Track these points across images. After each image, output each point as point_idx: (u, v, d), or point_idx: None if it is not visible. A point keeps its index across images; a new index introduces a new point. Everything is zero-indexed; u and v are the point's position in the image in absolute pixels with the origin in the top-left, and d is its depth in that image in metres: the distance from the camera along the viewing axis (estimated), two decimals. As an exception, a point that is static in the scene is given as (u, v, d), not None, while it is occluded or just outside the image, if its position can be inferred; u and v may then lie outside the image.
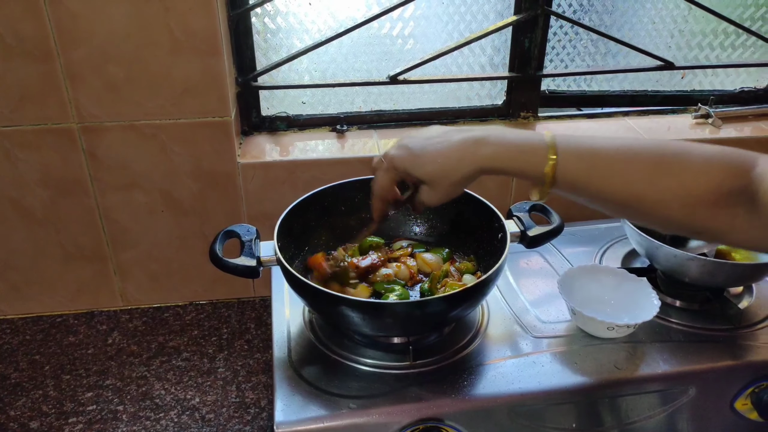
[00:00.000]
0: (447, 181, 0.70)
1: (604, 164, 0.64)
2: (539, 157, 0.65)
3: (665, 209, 0.63)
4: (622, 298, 0.95)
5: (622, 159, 0.64)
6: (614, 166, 0.64)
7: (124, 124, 1.07)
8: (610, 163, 0.64)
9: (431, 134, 0.72)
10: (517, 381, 0.84)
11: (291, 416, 0.78)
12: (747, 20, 1.32)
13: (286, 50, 1.20)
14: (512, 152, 0.67)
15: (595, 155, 0.65)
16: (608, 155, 0.65)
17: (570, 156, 0.65)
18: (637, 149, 0.65)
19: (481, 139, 0.68)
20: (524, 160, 0.66)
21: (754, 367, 0.89)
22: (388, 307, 0.81)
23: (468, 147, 0.68)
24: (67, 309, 1.24)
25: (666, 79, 1.40)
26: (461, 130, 0.70)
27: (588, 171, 0.65)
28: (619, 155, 0.64)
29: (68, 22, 0.97)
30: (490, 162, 0.67)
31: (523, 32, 1.25)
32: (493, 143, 0.67)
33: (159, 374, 1.10)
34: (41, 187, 1.11)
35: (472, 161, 0.68)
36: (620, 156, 0.64)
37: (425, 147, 0.71)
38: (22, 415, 1.02)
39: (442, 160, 0.69)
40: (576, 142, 0.66)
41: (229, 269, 0.86)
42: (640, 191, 0.63)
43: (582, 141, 0.66)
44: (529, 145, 0.66)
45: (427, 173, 0.71)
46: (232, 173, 1.15)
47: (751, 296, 1.01)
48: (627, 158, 0.64)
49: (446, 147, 0.69)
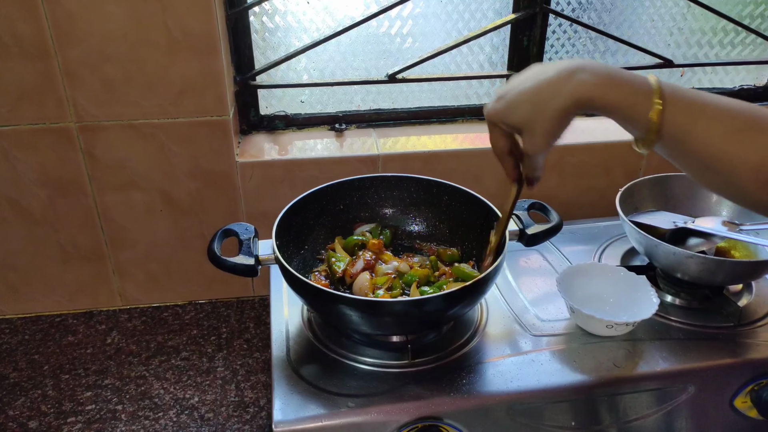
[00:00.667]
0: (542, 120, 0.63)
1: (707, 116, 0.58)
2: (644, 100, 0.59)
3: (739, 181, 0.58)
4: (621, 296, 0.95)
5: (726, 114, 0.58)
6: (718, 119, 0.58)
7: (122, 123, 1.07)
8: (714, 116, 0.58)
9: (526, 75, 0.65)
10: (516, 379, 0.84)
11: (290, 415, 0.78)
12: (746, 18, 1.32)
13: (284, 49, 1.20)
14: (616, 84, 0.60)
15: (696, 105, 0.59)
16: (710, 107, 0.58)
17: (675, 102, 0.59)
18: (739, 107, 0.59)
19: (578, 67, 0.61)
20: (629, 96, 0.59)
21: (754, 365, 0.89)
22: (386, 306, 0.81)
23: (562, 78, 0.61)
24: (65, 309, 1.24)
25: (665, 77, 1.39)
26: (557, 64, 0.63)
27: (692, 122, 0.58)
28: (723, 109, 0.58)
29: (65, 22, 0.97)
30: (590, 91, 0.60)
31: (522, 30, 1.24)
32: (594, 71, 0.60)
33: (158, 374, 1.10)
34: (39, 187, 1.11)
35: (568, 91, 0.61)
36: (724, 110, 0.58)
37: (518, 89, 0.65)
38: (21, 414, 1.02)
39: (534, 97, 0.63)
40: (680, 89, 0.59)
41: (228, 268, 0.86)
42: (726, 153, 0.58)
43: (685, 90, 0.60)
44: (634, 82, 0.60)
45: (522, 116, 0.64)
46: (231, 172, 1.15)
47: (750, 294, 1.01)
48: (731, 113, 0.58)
49: (538, 84, 0.63)
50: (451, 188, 1.01)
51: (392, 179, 1.05)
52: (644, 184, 1.10)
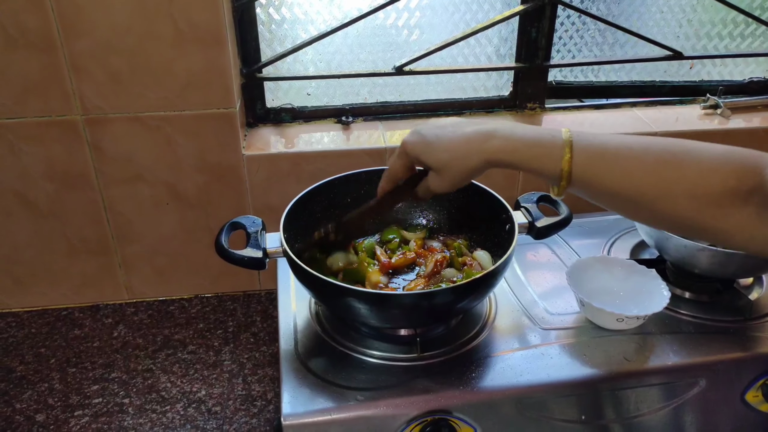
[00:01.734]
0: (455, 170, 0.72)
1: (615, 160, 0.64)
2: (554, 154, 0.66)
3: (674, 206, 0.63)
4: (631, 290, 0.94)
5: (632, 154, 0.64)
6: (624, 162, 0.64)
7: (128, 116, 1.06)
8: (622, 159, 0.64)
9: (445, 123, 0.73)
10: (526, 373, 0.83)
11: (298, 408, 0.78)
12: (757, 9, 1.31)
13: (290, 41, 1.19)
14: (522, 147, 0.68)
15: (606, 151, 0.65)
16: (619, 151, 0.65)
17: (583, 153, 0.65)
18: (647, 145, 0.65)
19: (490, 132, 0.69)
20: (535, 156, 0.67)
21: (765, 359, 0.88)
22: (394, 298, 0.81)
23: (477, 139, 0.69)
24: (72, 302, 1.24)
25: (674, 69, 1.38)
26: (474, 123, 0.71)
27: (600, 167, 0.65)
28: (629, 150, 0.65)
29: (71, 14, 0.97)
30: (498, 155, 0.69)
31: (530, 22, 1.23)
32: (502, 137, 0.68)
33: (165, 367, 1.10)
34: (46, 180, 1.10)
35: (480, 153, 0.69)
36: (630, 151, 0.64)
37: (438, 135, 0.72)
38: (27, 407, 1.02)
39: (452, 149, 0.71)
40: (588, 139, 0.66)
41: (235, 261, 0.85)
42: (648, 187, 0.63)
43: (594, 138, 0.66)
44: (542, 142, 0.67)
45: (437, 161, 0.72)
46: (238, 165, 1.14)
47: (761, 287, 1.00)
48: (636, 153, 0.64)
49: (457, 137, 0.71)
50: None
51: (400, 172, 1.04)
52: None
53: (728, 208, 0.61)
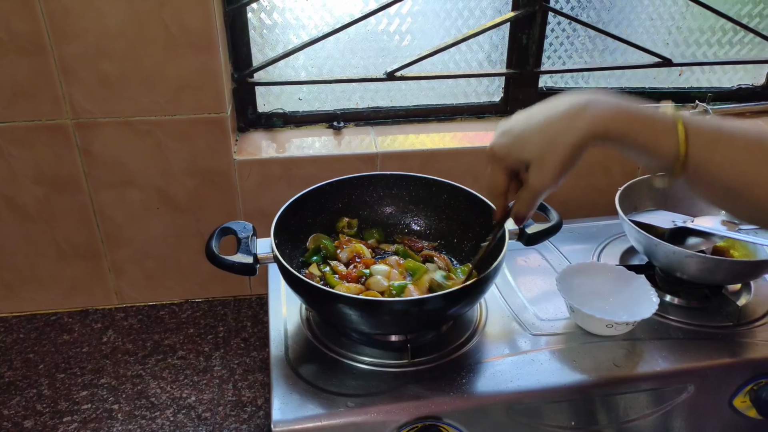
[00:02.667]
0: (554, 154, 0.61)
1: (731, 145, 0.56)
2: (667, 130, 0.56)
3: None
4: (620, 296, 0.94)
5: (751, 141, 0.56)
6: (741, 146, 0.56)
7: (118, 120, 1.06)
8: (739, 145, 0.56)
9: (531, 111, 0.64)
10: (516, 379, 0.84)
11: (288, 415, 0.78)
12: (745, 17, 1.32)
13: (282, 46, 1.19)
14: (633, 116, 0.58)
15: (721, 135, 0.57)
16: (734, 136, 0.56)
17: (698, 133, 0.56)
18: (762, 132, 0.57)
19: (591, 100, 0.59)
20: (647, 128, 0.57)
21: (753, 365, 0.89)
22: (385, 305, 0.81)
23: (576, 110, 0.59)
24: (61, 307, 1.23)
25: (664, 76, 1.39)
26: (565, 98, 0.62)
27: (717, 153, 0.56)
28: (746, 137, 0.56)
29: (62, 18, 0.96)
30: (606, 125, 0.58)
31: (521, 29, 1.24)
32: (608, 104, 0.59)
33: (154, 373, 1.09)
34: (35, 184, 1.10)
35: (583, 125, 0.59)
36: (747, 138, 0.56)
37: (526, 123, 0.63)
38: (16, 414, 1.01)
39: (547, 130, 0.61)
40: (698, 119, 0.57)
41: (226, 266, 0.85)
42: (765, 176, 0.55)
43: (704, 119, 0.58)
44: (652, 114, 0.58)
45: (532, 150, 0.63)
46: (228, 170, 1.14)
47: (749, 293, 1.01)
48: (755, 140, 0.56)
49: (550, 116, 0.61)
50: (449, 187, 1.01)
51: (391, 178, 1.04)
52: (643, 183, 1.09)
53: None
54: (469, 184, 0.99)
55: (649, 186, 1.10)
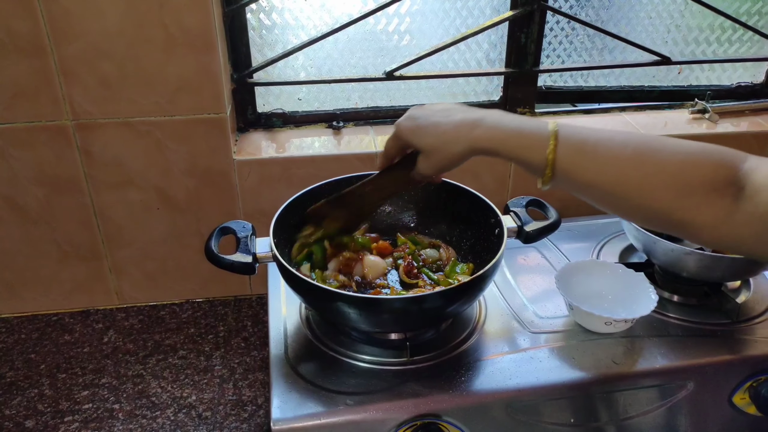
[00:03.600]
0: (441, 155, 0.74)
1: (595, 151, 0.66)
2: (539, 145, 0.67)
3: (649, 197, 0.64)
4: (619, 293, 0.95)
5: (612, 146, 0.65)
6: (604, 153, 0.65)
7: (118, 121, 1.06)
8: (601, 150, 0.65)
9: (437, 108, 0.76)
10: (515, 376, 0.84)
11: (288, 413, 0.78)
12: (743, 15, 1.32)
13: (281, 46, 1.19)
14: (508, 137, 0.69)
15: (586, 143, 0.66)
16: (599, 143, 0.66)
17: (566, 144, 0.66)
18: (627, 138, 0.66)
19: (478, 120, 0.71)
20: (520, 145, 0.68)
21: (752, 362, 0.89)
22: (384, 303, 0.81)
23: (465, 126, 0.71)
24: (62, 308, 1.24)
25: (663, 75, 1.39)
26: (464, 110, 0.73)
27: (581, 159, 0.66)
28: (610, 142, 0.66)
29: (61, 18, 0.97)
30: (483, 143, 0.70)
31: (520, 27, 1.24)
32: (488, 126, 0.70)
33: (155, 372, 1.09)
34: (35, 186, 1.10)
35: (465, 141, 0.71)
36: (610, 143, 0.66)
37: (429, 120, 0.75)
38: (17, 414, 1.01)
39: (440, 134, 0.73)
40: (572, 131, 0.67)
41: (225, 266, 0.85)
42: (627, 178, 0.64)
43: (578, 130, 0.67)
44: (527, 132, 0.68)
45: (425, 143, 0.75)
46: (228, 170, 1.14)
47: (748, 290, 1.01)
48: (616, 145, 0.65)
49: (446, 123, 0.73)
50: (448, 185, 1.01)
51: (390, 177, 1.04)
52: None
53: (702, 199, 0.62)
54: (468, 183, 1.00)
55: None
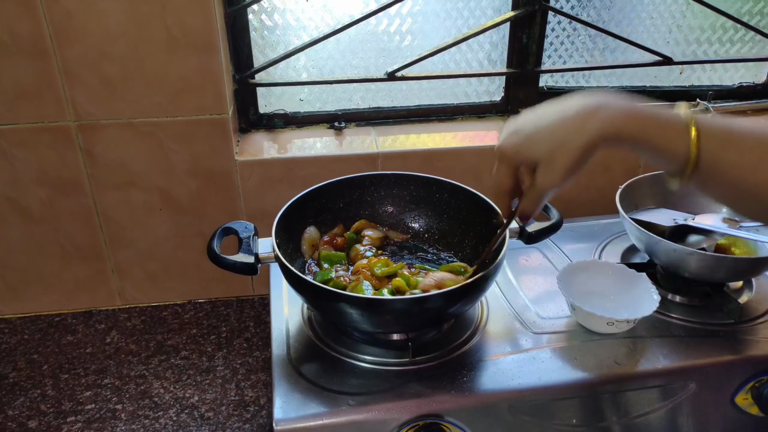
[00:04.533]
0: (564, 154, 0.61)
1: (742, 141, 0.57)
2: (677, 131, 0.57)
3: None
4: (621, 294, 0.94)
5: (762, 136, 0.56)
6: (753, 144, 0.56)
7: (121, 122, 1.07)
8: (749, 140, 0.56)
9: (543, 110, 0.64)
10: (517, 377, 0.84)
11: (290, 413, 0.78)
12: (745, 15, 1.32)
13: (283, 47, 1.19)
14: (644, 118, 0.58)
15: (731, 132, 0.57)
16: (744, 131, 0.57)
17: (710, 134, 0.56)
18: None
19: (601, 104, 0.60)
20: (659, 130, 0.58)
21: (755, 362, 0.89)
22: (386, 303, 0.81)
23: (585, 113, 0.60)
24: (65, 308, 1.24)
25: (665, 75, 1.39)
26: (579, 97, 0.62)
27: (727, 150, 0.57)
28: (761, 133, 0.56)
29: (64, 20, 0.97)
30: (617, 126, 0.59)
31: (521, 28, 1.24)
32: (615, 107, 0.59)
33: (158, 373, 1.10)
34: (38, 186, 1.10)
35: (595, 126, 0.59)
36: (762, 134, 0.56)
37: (537, 123, 0.64)
38: (20, 414, 1.02)
39: (558, 130, 0.61)
40: (710, 119, 0.58)
41: (227, 266, 0.86)
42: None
43: (715, 118, 0.58)
44: (663, 115, 0.58)
45: (542, 150, 0.63)
46: (230, 171, 1.14)
47: (751, 291, 1.01)
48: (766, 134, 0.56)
49: (562, 116, 0.62)
50: (450, 186, 1.01)
51: (392, 177, 1.05)
52: (644, 181, 1.09)
53: None
54: (470, 184, 1.00)
55: (650, 184, 1.10)
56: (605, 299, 0.95)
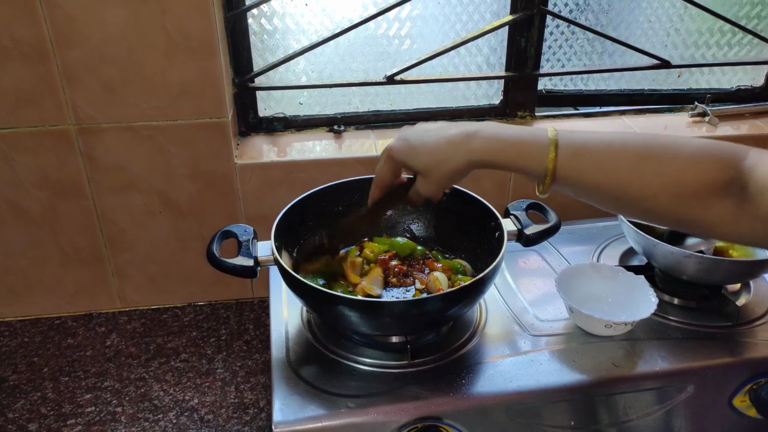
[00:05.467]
0: (439, 172, 0.72)
1: (595, 156, 0.65)
2: (539, 153, 0.66)
3: (653, 200, 0.64)
4: (619, 296, 0.95)
5: (612, 150, 0.65)
6: (604, 157, 0.65)
7: (121, 125, 1.07)
8: (601, 155, 0.65)
9: (430, 127, 0.74)
10: (516, 379, 0.84)
11: (289, 416, 0.78)
12: (743, 18, 1.33)
13: (282, 51, 1.20)
14: (506, 147, 0.68)
15: (587, 148, 0.66)
16: (598, 147, 0.66)
17: (567, 151, 0.66)
18: (626, 141, 0.66)
19: (472, 133, 0.69)
20: (519, 154, 0.67)
21: (752, 364, 0.89)
22: (385, 306, 0.81)
23: (460, 140, 0.70)
24: (65, 311, 1.24)
25: (663, 78, 1.40)
26: (458, 125, 0.72)
27: (581, 164, 0.66)
28: (610, 147, 0.65)
29: (64, 24, 0.97)
30: (480, 156, 0.69)
31: (520, 32, 1.25)
32: (485, 138, 0.69)
33: (158, 375, 1.10)
34: (39, 190, 1.11)
35: (463, 154, 0.69)
36: (610, 147, 0.65)
37: (422, 139, 0.73)
38: (20, 417, 1.02)
39: (435, 152, 0.71)
40: (571, 137, 0.67)
41: (227, 269, 0.86)
42: (627, 182, 0.64)
43: (576, 135, 0.67)
44: (526, 141, 0.67)
45: (422, 164, 0.73)
46: (230, 174, 1.15)
47: (748, 293, 1.01)
48: (616, 149, 0.65)
49: (441, 140, 0.71)
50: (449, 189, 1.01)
51: (391, 180, 1.05)
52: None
53: (708, 201, 0.62)
54: (468, 187, 1.00)
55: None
56: (603, 302, 0.95)
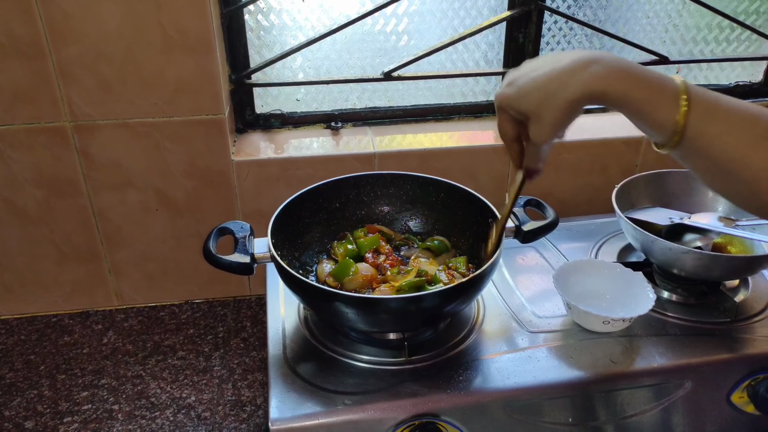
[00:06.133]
0: (550, 109, 0.61)
1: (729, 119, 0.57)
2: (667, 99, 0.57)
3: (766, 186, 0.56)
4: (617, 293, 0.95)
5: (746, 117, 0.56)
6: (737, 124, 0.56)
7: (117, 122, 1.07)
8: (734, 119, 0.57)
9: (540, 61, 0.63)
10: (513, 376, 0.84)
11: (286, 413, 0.78)
12: (741, 14, 1.32)
13: (279, 47, 1.20)
14: (634, 79, 0.57)
15: (718, 107, 0.57)
16: (732, 110, 0.57)
17: (698, 107, 0.56)
18: (760, 113, 0.57)
19: (592, 58, 0.58)
20: (648, 93, 0.57)
21: (751, 360, 0.89)
22: (382, 303, 0.81)
23: (576, 67, 0.59)
24: (61, 309, 1.24)
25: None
26: (572, 53, 0.61)
27: (712, 126, 0.57)
28: (744, 113, 0.57)
29: (60, 21, 0.97)
30: (603, 85, 0.58)
31: (517, 28, 1.24)
32: (607, 64, 0.58)
33: (154, 373, 1.09)
34: (34, 187, 1.10)
35: (581, 82, 0.58)
36: (744, 114, 0.57)
37: (529, 75, 0.63)
38: (17, 415, 1.01)
39: (547, 84, 0.61)
40: (703, 91, 0.57)
41: (223, 266, 0.86)
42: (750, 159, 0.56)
43: (708, 92, 0.58)
44: (656, 80, 0.57)
45: (530, 104, 0.62)
46: (227, 171, 1.14)
47: (747, 289, 1.01)
48: (749, 119, 0.56)
49: (552, 71, 0.61)
50: (447, 186, 1.01)
51: (388, 177, 1.05)
52: (640, 180, 1.10)
53: None
54: (466, 183, 1.00)
55: (645, 183, 1.11)
56: (601, 298, 0.95)
